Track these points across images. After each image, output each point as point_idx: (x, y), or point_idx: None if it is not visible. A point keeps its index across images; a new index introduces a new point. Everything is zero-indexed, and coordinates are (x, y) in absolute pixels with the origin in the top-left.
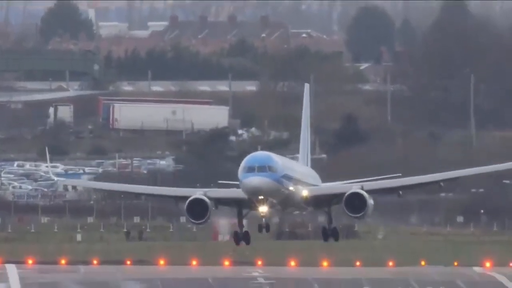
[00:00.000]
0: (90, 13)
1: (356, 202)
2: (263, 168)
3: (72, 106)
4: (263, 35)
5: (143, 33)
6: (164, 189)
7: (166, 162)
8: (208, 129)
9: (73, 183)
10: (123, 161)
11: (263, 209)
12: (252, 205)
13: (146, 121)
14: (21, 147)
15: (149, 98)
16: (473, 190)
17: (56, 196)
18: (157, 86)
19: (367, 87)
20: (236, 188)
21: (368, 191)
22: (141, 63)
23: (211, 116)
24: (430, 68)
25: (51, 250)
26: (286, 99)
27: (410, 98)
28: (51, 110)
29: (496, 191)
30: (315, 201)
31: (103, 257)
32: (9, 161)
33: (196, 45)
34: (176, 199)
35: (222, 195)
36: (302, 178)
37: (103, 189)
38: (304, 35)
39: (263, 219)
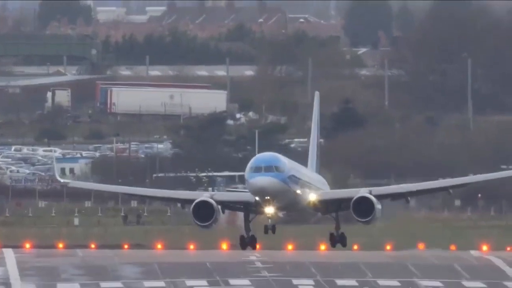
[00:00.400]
0: None
1: (364, 207)
2: (270, 168)
3: (70, 91)
4: (261, 20)
5: (141, 18)
6: (171, 192)
7: (164, 146)
8: (206, 114)
9: (82, 185)
10: (121, 145)
11: (270, 210)
12: (259, 209)
13: (144, 106)
14: (19, 132)
15: (147, 83)
16: (471, 175)
17: (54, 180)
18: (155, 71)
19: (365, 72)
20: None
21: (376, 196)
22: (139, 48)
23: (209, 101)
24: (428, 53)
25: (49, 234)
26: (284, 84)
27: (408, 83)
28: (49, 95)
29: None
30: (323, 206)
31: (101, 241)
32: (7, 145)
33: (194, 30)
34: (183, 202)
35: (229, 199)
36: (310, 181)
37: (112, 191)
38: (302, 20)
39: (269, 221)
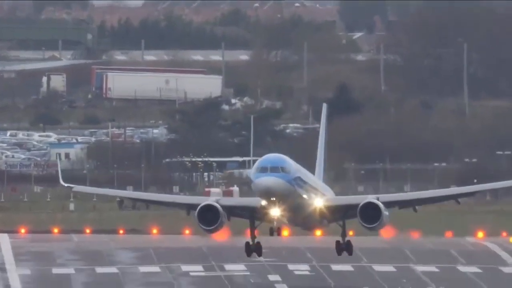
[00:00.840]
0: None
1: (371, 212)
2: (276, 169)
3: (65, 76)
4: (256, 5)
5: (136, 3)
6: (176, 197)
7: (159, 131)
8: (201, 99)
9: (87, 190)
10: (116, 131)
11: (275, 213)
12: (265, 215)
13: (139, 90)
14: (14, 117)
15: (142, 68)
16: (466, 160)
17: (49, 166)
18: (150, 55)
19: (360, 57)
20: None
21: (383, 204)
22: (134, 33)
23: (204, 86)
24: (423, 37)
25: (44, 219)
26: (279, 68)
27: (403, 67)
28: (44, 80)
29: (489, 161)
30: (329, 212)
31: (96, 226)
32: (2, 131)
33: (189, 15)
34: (188, 207)
35: (234, 203)
36: (315, 187)
37: (116, 196)
38: (297, 5)
39: (275, 223)
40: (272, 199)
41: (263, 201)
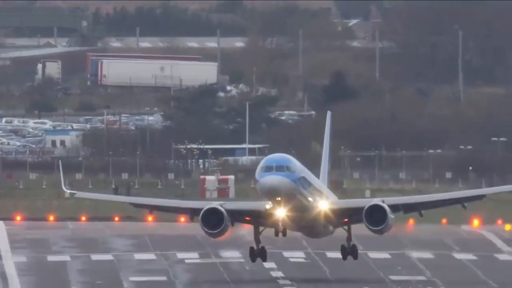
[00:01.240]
0: None
1: (377, 215)
2: (281, 168)
3: (60, 63)
4: None
5: None
6: (180, 202)
7: (154, 118)
8: (197, 85)
9: (89, 196)
10: (111, 118)
11: (280, 213)
12: (270, 219)
13: (135, 77)
14: (9, 104)
15: (138, 54)
16: (462, 147)
17: (45, 153)
18: (146, 42)
19: (356, 44)
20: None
21: (389, 206)
22: (130, 19)
23: (200, 73)
24: (419, 25)
25: (40, 207)
26: (275, 56)
27: (399, 55)
28: (39, 67)
29: (484, 148)
30: (334, 216)
31: (91, 214)
32: None
33: (185, 1)
34: (192, 212)
35: (239, 207)
36: (319, 188)
37: (120, 201)
38: None
39: (280, 223)
40: (277, 199)
41: (268, 204)
